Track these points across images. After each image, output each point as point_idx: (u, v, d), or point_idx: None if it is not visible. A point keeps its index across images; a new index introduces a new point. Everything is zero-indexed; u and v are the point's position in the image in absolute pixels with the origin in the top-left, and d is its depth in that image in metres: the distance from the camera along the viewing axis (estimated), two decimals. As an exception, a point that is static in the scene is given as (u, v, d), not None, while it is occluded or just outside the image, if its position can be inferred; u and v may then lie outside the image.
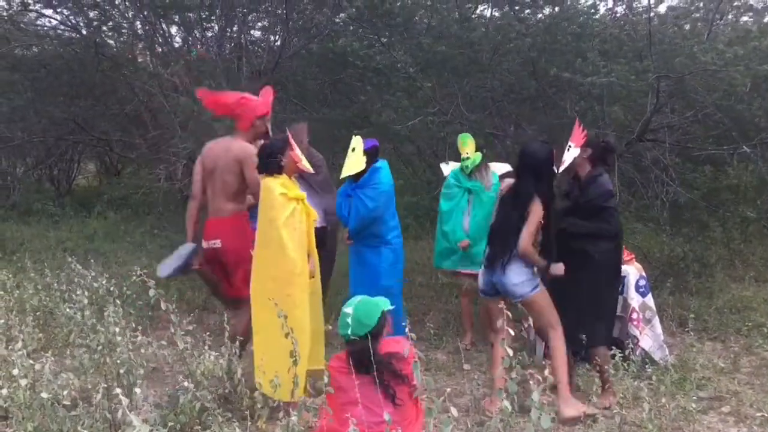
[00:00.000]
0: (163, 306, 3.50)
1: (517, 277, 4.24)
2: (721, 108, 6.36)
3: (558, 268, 4.30)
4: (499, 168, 5.98)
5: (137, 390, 3.08)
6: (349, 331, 3.24)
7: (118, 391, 2.36)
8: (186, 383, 3.24)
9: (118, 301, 3.74)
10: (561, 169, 4.45)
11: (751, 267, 8.11)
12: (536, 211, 4.19)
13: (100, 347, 3.55)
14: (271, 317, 3.61)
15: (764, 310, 6.43)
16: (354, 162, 5.22)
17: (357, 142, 5.27)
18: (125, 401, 2.30)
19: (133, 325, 3.91)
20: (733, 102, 6.21)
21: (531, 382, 2.33)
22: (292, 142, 4.22)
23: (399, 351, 3.18)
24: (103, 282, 4.02)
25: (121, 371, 3.46)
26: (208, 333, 4.11)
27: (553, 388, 4.65)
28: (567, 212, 4.48)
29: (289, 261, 3.96)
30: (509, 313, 2.33)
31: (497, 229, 4.38)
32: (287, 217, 4.01)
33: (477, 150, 5.76)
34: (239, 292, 4.46)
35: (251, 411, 3.30)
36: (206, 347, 3.63)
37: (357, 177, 5.30)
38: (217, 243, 4.53)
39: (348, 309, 3.30)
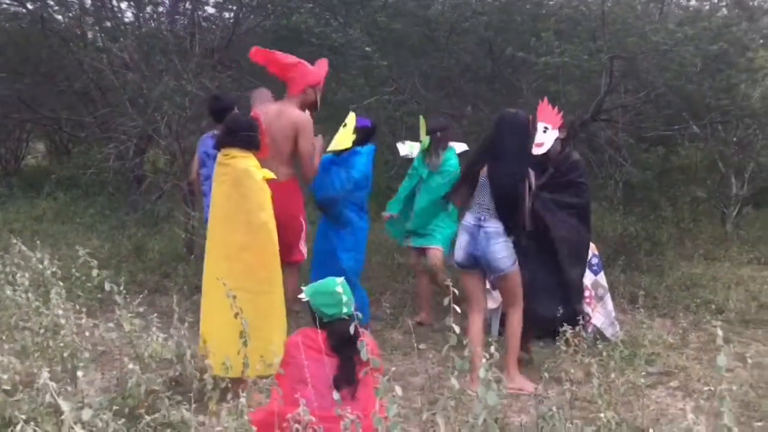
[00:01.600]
0: (107, 287, 3.40)
1: (503, 251, 4.26)
2: (673, 88, 6.45)
3: None
4: (456, 148, 5.96)
5: (79, 374, 2.99)
6: (344, 310, 3.17)
7: (45, 375, 2.26)
8: (131, 366, 3.16)
9: (61, 283, 3.63)
10: (541, 151, 4.47)
11: (700, 245, 8.31)
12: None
13: (42, 330, 3.44)
14: (250, 293, 3.71)
15: (712, 288, 6.59)
16: (342, 137, 5.15)
17: (350, 119, 5.20)
18: (53, 386, 2.22)
19: (78, 308, 3.79)
20: (684, 82, 6.29)
21: (483, 359, 2.32)
22: (263, 127, 4.15)
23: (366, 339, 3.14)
24: (46, 263, 3.90)
25: (65, 354, 3.36)
26: (156, 315, 4.02)
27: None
28: (540, 189, 4.51)
29: (274, 244, 3.98)
30: (456, 290, 2.31)
31: (508, 200, 4.25)
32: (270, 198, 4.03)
33: (428, 133, 5.67)
34: (286, 257, 4.51)
35: (201, 393, 3.23)
36: (154, 329, 3.55)
37: (339, 153, 5.24)
38: None
39: (338, 288, 3.20)
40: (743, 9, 6.39)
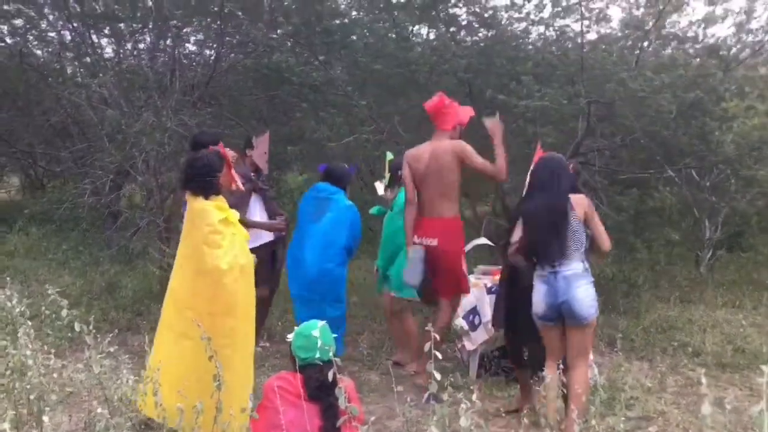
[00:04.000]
0: (77, 327, 3.30)
1: (589, 295, 3.95)
2: (648, 133, 6.55)
3: None
4: None
5: (45, 418, 2.87)
6: (317, 355, 3.10)
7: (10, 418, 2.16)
8: (100, 410, 3.05)
9: (29, 322, 3.51)
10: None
11: (675, 287, 8.35)
12: (583, 203, 4.05)
13: (9, 372, 3.32)
14: (197, 342, 3.35)
15: (689, 330, 6.61)
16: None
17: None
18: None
19: (46, 348, 3.68)
20: (660, 128, 6.40)
21: (462, 405, 2.27)
22: (229, 159, 4.09)
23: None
24: (14, 302, 3.78)
25: (32, 397, 3.24)
26: (127, 355, 3.91)
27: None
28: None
29: (227, 293, 3.63)
30: (437, 336, 2.27)
31: (545, 240, 3.99)
32: (229, 242, 3.71)
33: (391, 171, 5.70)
34: (445, 293, 4.80)
35: (172, 437, 3.13)
36: (125, 371, 3.45)
37: None
38: (434, 242, 4.70)
39: (315, 332, 3.16)
40: (718, 59, 6.55)
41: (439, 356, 2.26)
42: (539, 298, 4.04)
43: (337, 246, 5.29)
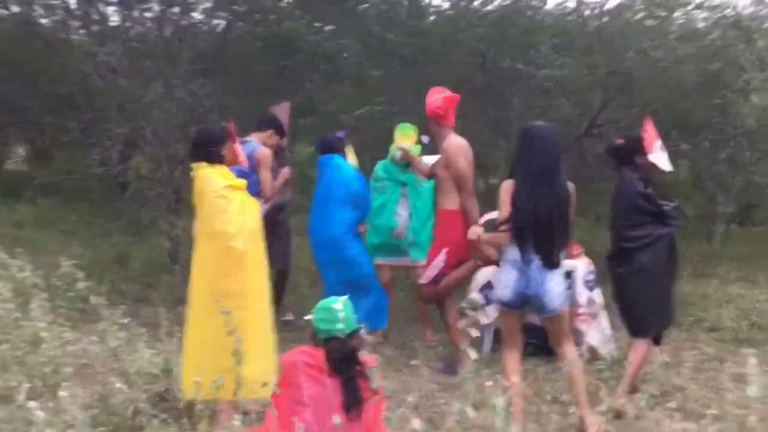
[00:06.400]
0: (92, 300, 3.25)
1: (560, 287, 3.72)
2: (667, 105, 6.42)
3: None
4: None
5: (63, 393, 2.83)
6: (340, 327, 3.05)
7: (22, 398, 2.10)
8: (117, 384, 3.01)
9: (44, 294, 3.46)
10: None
11: (689, 263, 8.25)
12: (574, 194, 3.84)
13: (23, 344, 3.28)
14: (214, 314, 3.33)
15: (703, 305, 6.55)
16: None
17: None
18: (37, 408, 2.07)
19: (62, 320, 3.63)
20: (678, 98, 6.27)
21: (490, 382, 2.22)
22: (234, 134, 4.00)
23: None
24: (28, 273, 3.71)
25: (47, 369, 3.20)
26: (143, 328, 3.86)
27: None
28: None
29: (236, 254, 3.63)
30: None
31: (547, 224, 3.68)
32: (237, 207, 3.71)
33: (418, 142, 5.68)
34: None
35: (189, 411, 3.09)
36: (140, 344, 3.40)
37: None
38: None
39: (338, 305, 3.12)
40: (740, 30, 6.39)
41: (473, 334, 2.20)
42: (507, 284, 3.72)
43: (333, 209, 5.30)
